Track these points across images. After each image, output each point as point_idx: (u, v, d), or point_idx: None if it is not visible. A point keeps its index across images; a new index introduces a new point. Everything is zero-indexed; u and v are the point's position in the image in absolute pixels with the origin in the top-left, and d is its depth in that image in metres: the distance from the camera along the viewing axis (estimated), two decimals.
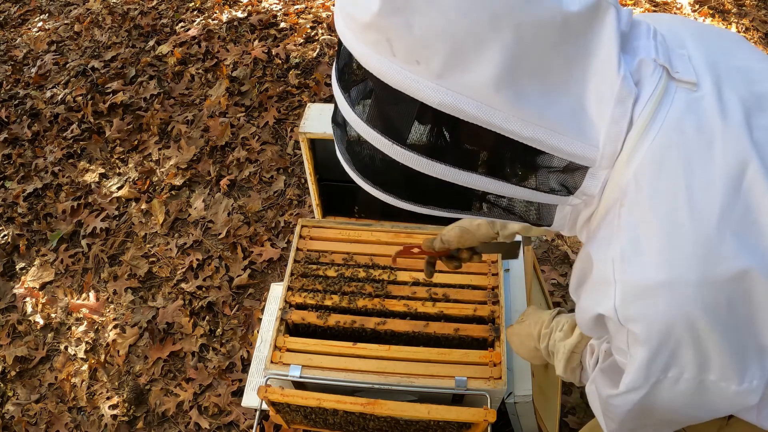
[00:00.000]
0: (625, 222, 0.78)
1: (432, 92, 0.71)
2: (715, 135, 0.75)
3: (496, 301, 1.56)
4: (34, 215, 2.83)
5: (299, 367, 1.45)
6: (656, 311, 0.75)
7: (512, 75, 0.70)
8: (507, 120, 0.72)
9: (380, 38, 0.71)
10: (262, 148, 2.96)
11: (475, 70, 0.70)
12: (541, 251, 2.43)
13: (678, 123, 0.76)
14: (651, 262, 0.75)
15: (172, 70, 3.40)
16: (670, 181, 0.75)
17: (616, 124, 0.75)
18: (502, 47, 0.69)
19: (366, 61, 0.74)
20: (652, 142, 0.76)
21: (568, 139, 0.75)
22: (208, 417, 2.11)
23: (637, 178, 0.77)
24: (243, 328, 2.33)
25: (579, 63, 0.74)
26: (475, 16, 0.68)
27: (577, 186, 0.81)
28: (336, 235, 1.74)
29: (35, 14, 4.06)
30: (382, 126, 0.78)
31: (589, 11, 0.73)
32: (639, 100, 0.76)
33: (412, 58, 0.70)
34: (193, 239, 2.62)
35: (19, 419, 2.17)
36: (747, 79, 0.82)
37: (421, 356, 1.47)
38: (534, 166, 0.81)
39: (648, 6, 3.59)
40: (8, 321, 2.46)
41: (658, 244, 0.75)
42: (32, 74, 3.52)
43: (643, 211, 0.77)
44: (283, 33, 3.55)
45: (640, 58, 0.78)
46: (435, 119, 0.75)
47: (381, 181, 0.86)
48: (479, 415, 1.36)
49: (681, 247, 0.74)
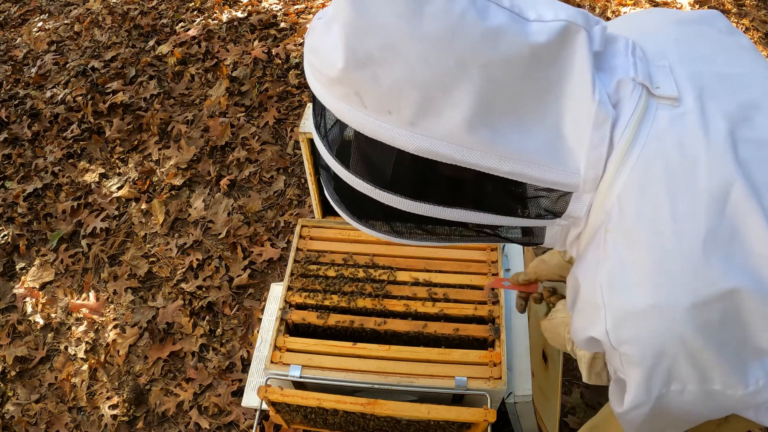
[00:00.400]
0: (611, 247, 0.78)
1: (407, 139, 0.71)
2: (698, 155, 0.74)
3: (496, 301, 1.56)
4: (34, 215, 2.83)
5: (299, 367, 1.45)
6: (647, 334, 0.76)
7: (485, 114, 0.70)
8: (484, 158, 0.72)
9: (349, 92, 0.71)
10: (262, 148, 2.96)
11: (447, 114, 0.69)
12: (541, 251, 2.43)
13: (660, 143, 0.75)
14: (639, 287, 0.75)
15: (172, 70, 3.40)
16: (653, 206, 0.74)
17: (596, 150, 0.75)
18: (471, 89, 0.69)
19: (339, 114, 0.74)
20: (634, 165, 0.75)
21: (548, 169, 0.75)
22: (208, 417, 2.11)
23: (621, 202, 0.76)
24: (243, 328, 2.33)
25: (552, 91, 0.73)
26: (439, 62, 0.68)
27: (563, 210, 0.81)
28: (336, 235, 1.74)
29: (35, 14, 4.06)
30: (363, 171, 0.78)
31: (557, 39, 0.71)
32: (619, 123, 0.75)
33: (384, 109, 0.70)
34: (193, 239, 2.62)
35: (19, 419, 2.17)
36: (732, 88, 0.81)
37: (421, 356, 1.47)
38: (519, 197, 0.81)
39: (648, 6, 3.58)
40: (8, 321, 2.46)
41: (644, 270, 0.75)
42: (32, 74, 3.52)
43: (627, 236, 0.76)
44: (283, 33, 3.55)
45: (618, 78, 0.77)
46: (415, 162, 0.74)
47: (372, 221, 0.86)
48: (479, 415, 1.36)
49: (668, 272, 0.73)
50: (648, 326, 0.75)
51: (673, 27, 0.92)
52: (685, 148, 0.75)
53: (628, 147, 0.75)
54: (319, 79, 0.76)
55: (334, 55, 0.70)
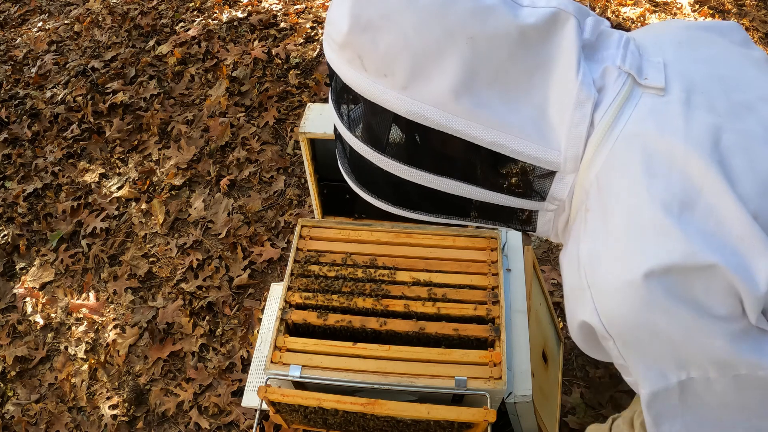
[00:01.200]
0: (591, 226, 0.79)
1: (399, 102, 0.78)
2: (677, 139, 0.76)
3: (496, 301, 1.56)
4: (34, 215, 2.83)
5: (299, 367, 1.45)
6: (633, 308, 0.75)
7: (470, 84, 0.76)
8: (468, 126, 0.77)
9: (353, 55, 0.79)
10: (262, 148, 2.96)
11: (435, 81, 0.76)
12: (541, 251, 2.43)
13: (639, 126, 0.77)
14: (618, 261, 0.76)
15: (172, 70, 3.40)
16: (630, 182, 0.76)
17: (576, 128, 0.78)
18: (458, 59, 0.74)
19: (344, 76, 0.82)
20: (613, 146, 0.77)
21: (529, 144, 0.79)
22: (208, 417, 2.11)
23: (599, 180, 0.78)
24: (243, 328, 2.33)
25: (539, 72, 0.78)
26: (430, 32, 0.74)
27: (547, 191, 0.84)
28: (336, 235, 1.74)
29: (35, 14, 4.06)
30: (364, 135, 0.86)
31: (546, 23, 0.76)
32: (601, 105, 0.78)
33: (381, 72, 0.78)
34: (193, 239, 2.62)
35: (19, 419, 2.17)
36: (727, 87, 0.82)
37: (421, 356, 1.47)
38: (505, 172, 0.85)
39: (648, 6, 3.59)
40: (8, 321, 2.46)
41: (623, 243, 0.76)
42: (32, 74, 3.52)
43: (605, 213, 0.78)
44: (283, 33, 3.55)
45: (604, 66, 0.80)
46: (407, 128, 0.82)
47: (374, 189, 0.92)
48: (479, 415, 1.36)
49: (646, 244, 0.74)
50: (632, 300, 0.75)
51: (680, 31, 0.95)
52: (664, 131, 0.77)
53: (608, 128, 0.78)
54: (331, 45, 0.83)
55: (342, 21, 0.78)
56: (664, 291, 0.73)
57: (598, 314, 0.78)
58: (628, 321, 0.76)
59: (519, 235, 1.88)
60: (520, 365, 1.61)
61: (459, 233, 1.71)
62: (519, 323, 1.69)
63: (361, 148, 0.86)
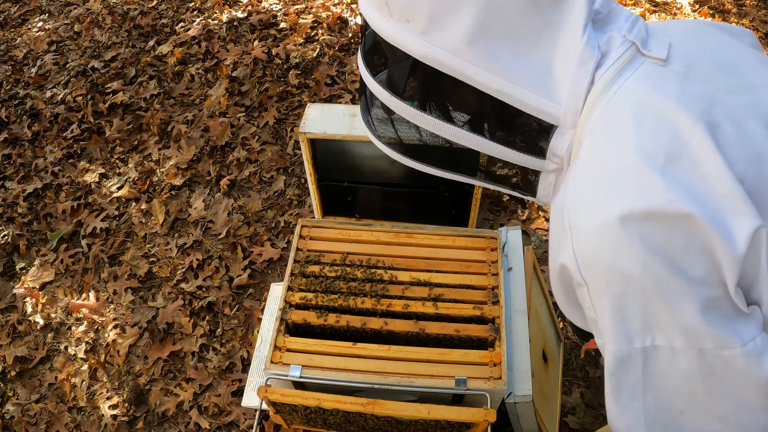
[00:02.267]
0: (579, 171, 0.83)
1: (417, 46, 0.84)
2: (669, 97, 0.79)
3: (496, 301, 1.56)
4: (34, 215, 2.83)
5: (299, 367, 1.45)
6: (608, 251, 0.76)
7: (483, 34, 0.82)
8: (478, 73, 0.83)
9: (382, 2, 0.86)
10: (262, 148, 2.96)
11: (451, 29, 0.82)
12: (541, 251, 2.43)
13: (637, 85, 0.82)
14: (598, 204, 0.78)
15: (172, 70, 3.40)
16: (618, 130, 0.80)
17: (577, 83, 0.83)
18: (473, 10, 0.80)
19: (372, 21, 0.89)
20: (609, 100, 0.82)
21: (534, 96, 0.84)
22: (208, 417, 2.11)
23: (592, 130, 0.83)
24: (243, 328, 2.33)
25: (548, 31, 0.83)
26: None
27: (547, 145, 0.89)
28: (336, 235, 1.74)
29: (35, 14, 4.06)
30: (384, 80, 0.93)
31: None
32: (602, 65, 0.83)
33: (404, 18, 0.84)
34: (193, 239, 2.62)
35: (19, 419, 2.17)
36: (729, 72, 0.85)
37: (421, 356, 1.47)
38: (508, 124, 0.90)
39: (648, 6, 3.59)
40: (8, 321, 2.46)
41: (605, 186, 0.78)
42: (32, 74, 3.52)
43: (593, 158, 0.82)
44: (283, 33, 3.55)
45: (610, 33, 0.85)
46: (423, 73, 0.88)
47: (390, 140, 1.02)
48: (479, 415, 1.36)
49: (628, 188, 0.76)
50: (607, 241, 0.76)
51: (690, 23, 1.00)
52: (658, 91, 0.80)
53: (606, 85, 0.82)
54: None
55: None
56: (641, 239, 0.74)
57: (575, 256, 0.80)
58: (602, 262, 0.77)
59: (519, 235, 1.88)
60: (520, 365, 1.61)
61: (459, 233, 1.71)
62: (519, 323, 1.69)
63: (380, 93, 0.93)
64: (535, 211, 2.56)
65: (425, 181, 1.95)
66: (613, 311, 0.78)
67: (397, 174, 1.95)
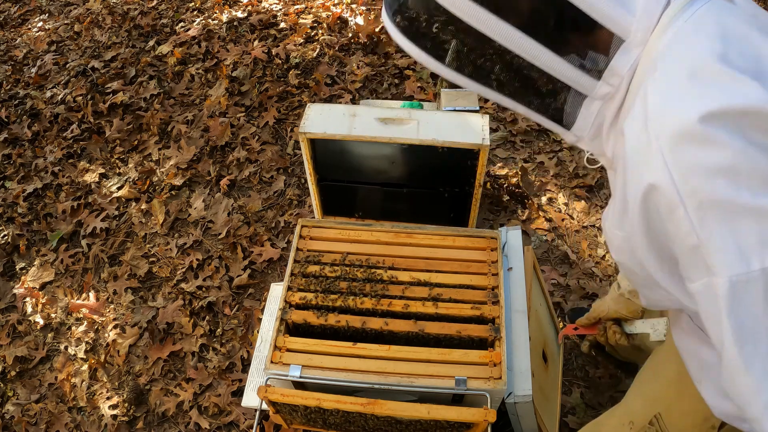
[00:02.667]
0: (660, 83, 0.77)
1: None
2: (752, 27, 0.77)
3: (496, 301, 1.56)
4: (34, 215, 2.83)
5: (299, 367, 1.45)
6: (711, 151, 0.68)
7: None
8: None
9: None
10: (262, 148, 2.96)
11: None
12: (541, 251, 2.43)
13: (716, 9, 0.78)
14: (697, 98, 0.71)
15: (172, 70, 3.40)
16: (707, 39, 0.75)
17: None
18: None
19: None
20: (687, 19, 0.77)
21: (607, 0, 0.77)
22: (208, 417, 2.11)
23: (671, 46, 0.77)
24: (243, 328, 2.33)
25: None
26: None
27: (608, 62, 0.81)
28: (336, 235, 1.74)
29: (35, 14, 4.06)
30: None
31: None
32: None
33: None
34: (193, 239, 2.62)
35: (19, 419, 2.17)
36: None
37: (421, 356, 1.47)
38: (570, 29, 0.81)
39: None
40: (8, 321, 2.46)
41: (699, 84, 0.72)
42: (32, 74, 3.52)
43: (672, 68, 0.76)
44: (283, 33, 3.55)
45: None
46: None
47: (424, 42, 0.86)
48: (479, 415, 1.36)
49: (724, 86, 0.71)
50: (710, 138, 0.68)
51: None
52: (740, 19, 0.78)
53: (683, 6, 0.78)
54: None
55: None
56: (744, 139, 0.67)
57: (668, 168, 0.71)
58: (705, 167, 0.68)
59: (519, 235, 1.88)
60: (520, 365, 1.61)
61: (459, 233, 1.72)
62: (519, 323, 1.69)
63: None
64: (535, 211, 2.55)
65: (425, 181, 1.95)
66: (721, 229, 0.68)
67: (397, 174, 1.95)
